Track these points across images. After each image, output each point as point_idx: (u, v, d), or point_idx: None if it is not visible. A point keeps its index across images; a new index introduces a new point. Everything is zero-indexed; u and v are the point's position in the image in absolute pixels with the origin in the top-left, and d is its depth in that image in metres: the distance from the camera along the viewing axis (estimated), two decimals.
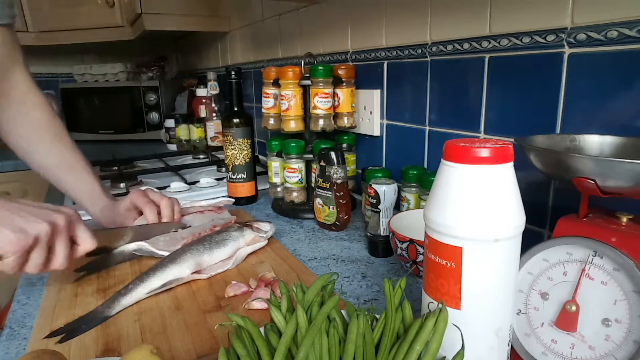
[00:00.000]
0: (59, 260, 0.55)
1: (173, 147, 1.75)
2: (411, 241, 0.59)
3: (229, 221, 0.78)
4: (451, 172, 0.34)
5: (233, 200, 0.93)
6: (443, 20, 0.74)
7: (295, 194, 0.92)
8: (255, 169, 1.01)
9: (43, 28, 1.89)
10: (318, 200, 0.82)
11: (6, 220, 0.51)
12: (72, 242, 0.58)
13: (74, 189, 0.80)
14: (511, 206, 0.34)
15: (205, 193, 1.07)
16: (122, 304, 0.56)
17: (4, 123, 0.78)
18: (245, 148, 0.96)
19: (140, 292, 0.57)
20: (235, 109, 0.96)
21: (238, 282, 0.60)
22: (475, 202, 0.33)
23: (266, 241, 0.73)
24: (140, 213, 0.77)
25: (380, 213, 0.69)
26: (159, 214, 0.76)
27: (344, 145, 0.98)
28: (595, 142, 0.49)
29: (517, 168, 0.34)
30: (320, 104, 0.87)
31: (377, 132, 0.94)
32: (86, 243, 0.59)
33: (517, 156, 0.35)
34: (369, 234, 0.71)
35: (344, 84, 0.89)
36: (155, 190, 0.80)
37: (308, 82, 0.87)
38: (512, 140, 0.44)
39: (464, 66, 0.72)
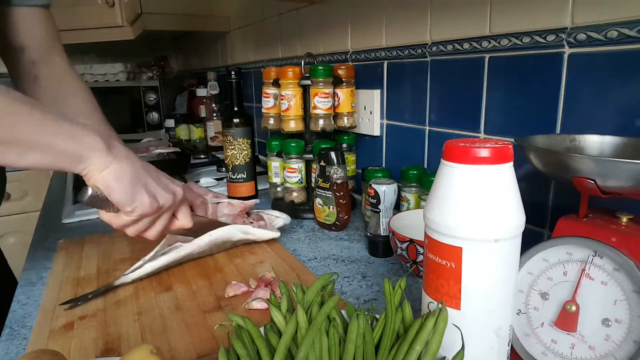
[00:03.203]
0: (157, 231, 0.57)
1: None
2: (411, 241, 0.59)
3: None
4: (451, 172, 0.34)
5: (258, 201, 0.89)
6: (443, 20, 0.74)
7: (295, 194, 0.92)
8: (255, 169, 1.01)
9: None
10: (318, 200, 0.82)
11: (144, 180, 0.51)
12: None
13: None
14: (511, 206, 0.34)
15: None
16: (130, 277, 0.59)
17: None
18: (245, 148, 0.96)
19: (148, 267, 0.60)
20: (235, 109, 0.96)
21: (238, 282, 0.60)
22: (475, 202, 0.33)
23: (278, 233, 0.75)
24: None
25: (380, 213, 0.69)
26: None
27: (344, 145, 0.98)
28: (595, 142, 0.49)
29: (517, 168, 0.34)
30: (320, 104, 0.87)
31: (377, 132, 0.94)
32: (185, 221, 0.61)
33: (517, 156, 0.35)
34: (369, 234, 0.71)
35: (344, 84, 0.89)
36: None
37: (308, 82, 0.87)
38: (512, 140, 0.44)
39: (464, 66, 0.72)
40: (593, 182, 0.38)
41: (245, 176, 0.98)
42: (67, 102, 0.70)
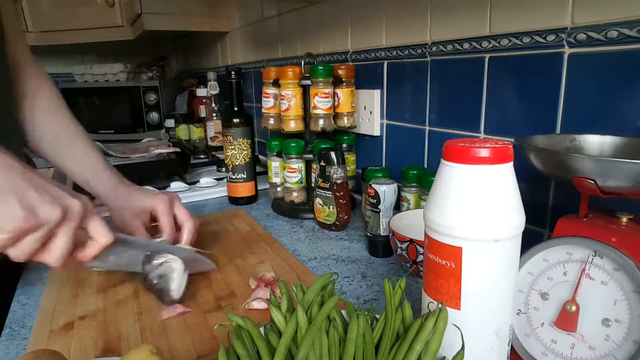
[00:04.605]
0: (56, 253, 0.46)
1: None
2: (411, 241, 0.59)
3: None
4: (451, 172, 0.34)
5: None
6: (443, 20, 0.74)
7: (295, 194, 0.92)
8: (255, 169, 1.01)
9: (43, 28, 1.89)
10: (318, 200, 0.82)
11: (20, 191, 0.43)
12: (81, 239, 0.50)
13: (76, 163, 0.69)
14: (511, 206, 0.34)
15: (205, 193, 1.07)
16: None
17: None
18: (245, 148, 0.96)
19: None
20: (235, 109, 0.96)
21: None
22: (475, 202, 0.33)
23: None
24: (152, 219, 0.68)
25: (380, 213, 0.69)
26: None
27: (344, 145, 0.98)
28: (595, 142, 0.49)
29: (517, 168, 0.34)
30: (320, 104, 0.87)
31: (377, 132, 0.94)
32: (98, 235, 0.49)
33: (517, 156, 0.35)
34: (369, 234, 0.71)
35: (344, 84, 0.89)
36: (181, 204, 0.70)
37: (308, 82, 0.87)
38: (512, 140, 0.44)
39: (464, 66, 0.72)
40: (593, 182, 0.38)
41: (245, 176, 0.98)
42: (25, 84, 0.69)
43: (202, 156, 1.50)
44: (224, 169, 1.24)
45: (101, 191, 0.69)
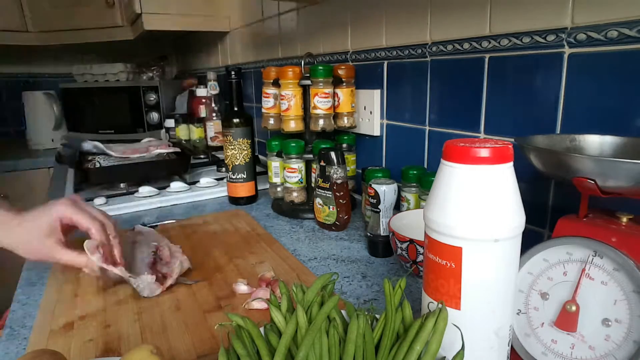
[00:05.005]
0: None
1: None
2: (411, 241, 0.59)
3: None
4: (451, 172, 0.34)
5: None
6: (443, 20, 0.74)
7: (295, 194, 0.92)
8: (255, 169, 1.01)
9: (43, 28, 1.89)
10: (318, 200, 0.82)
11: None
12: None
13: None
14: (511, 206, 0.34)
15: (205, 193, 1.07)
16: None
17: None
18: (245, 148, 0.96)
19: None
20: (235, 109, 0.96)
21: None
22: (475, 202, 0.33)
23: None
24: (67, 228, 0.60)
25: (380, 213, 0.69)
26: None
27: (344, 145, 0.98)
28: (595, 142, 0.49)
29: (517, 168, 0.34)
30: (320, 104, 0.87)
31: (377, 132, 0.94)
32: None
33: (517, 156, 0.35)
34: (369, 234, 0.71)
35: (344, 84, 0.89)
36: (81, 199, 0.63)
37: (308, 82, 0.87)
38: (512, 140, 0.44)
39: (464, 66, 0.72)
40: (593, 182, 0.38)
41: (245, 176, 0.98)
42: None
43: (202, 156, 1.50)
44: (224, 169, 1.25)
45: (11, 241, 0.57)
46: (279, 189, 0.96)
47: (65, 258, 0.57)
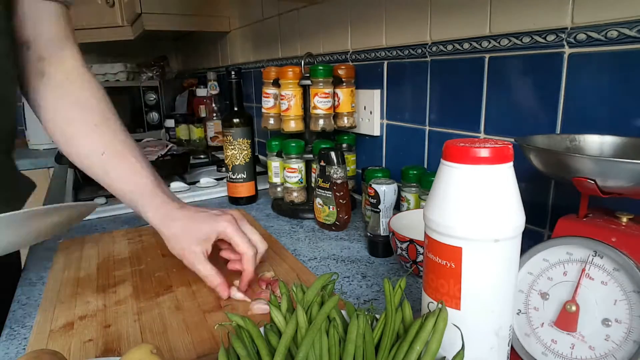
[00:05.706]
0: None
1: None
2: (411, 241, 0.59)
3: None
4: (451, 172, 0.34)
5: None
6: (443, 20, 0.74)
7: (295, 194, 0.92)
8: (255, 169, 1.01)
9: None
10: (318, 200, 0.82)
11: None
12: None
13: (123, 180, 0.62)
14: (511, 206, 0.34)
15: (205, 193, 1.07)
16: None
17: (49, 102, 0.64)
18: (245, 148, 0.96)
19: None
20: (235, 109, 0.96)
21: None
22: (475, 202, 0.33)
23: None
24: (220, 242, 0.60)
25: (380, 213, 0.69)
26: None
27: (344, 145, 0.98)
28: (595, 142, 0.49)
29: (517, 168, 0.34)
30: (320, 104, 0.87)
31: (377, 132, 0.94)
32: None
33: (517, 156, 0.35)
34: (369, 234, 0.71)
35: (344, 84, 0.89)
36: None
37: (308, 82, 0.87)
38: (512, 140, 0.44)
39: (464, 66, 0.72)
40: (593, 182, 0.38)
41: (245, 176, 0.98)
42: (75, 95, 0.65)
43: (202, 156, 1.50)
44: (224, 169, 1.25)
45: (153, 217, 0.61)
46: (279, 189, 0.96)
47: (204, 272, 0.57)
